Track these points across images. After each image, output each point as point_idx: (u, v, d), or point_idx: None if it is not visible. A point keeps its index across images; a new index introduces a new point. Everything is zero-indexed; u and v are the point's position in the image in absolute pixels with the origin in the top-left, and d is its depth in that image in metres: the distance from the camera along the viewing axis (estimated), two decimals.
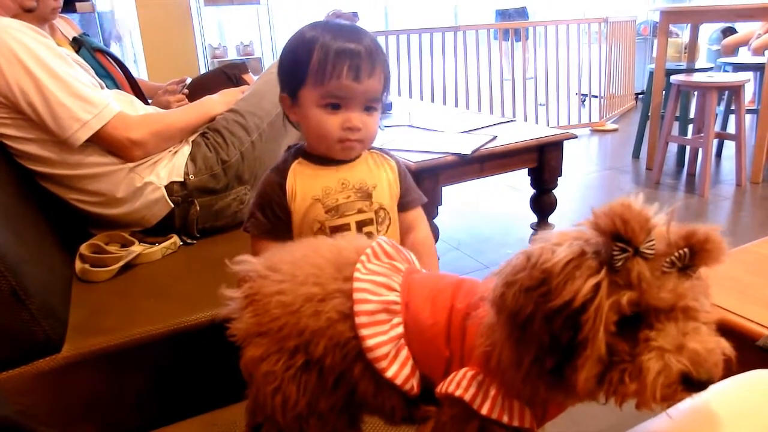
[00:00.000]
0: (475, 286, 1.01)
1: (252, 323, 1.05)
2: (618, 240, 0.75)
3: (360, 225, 1.47)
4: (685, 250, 0.76)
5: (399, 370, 0.98)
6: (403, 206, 1.55)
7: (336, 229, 1.45)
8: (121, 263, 1.90)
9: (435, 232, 2.73)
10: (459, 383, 0.92)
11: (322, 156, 1.47)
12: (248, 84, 2.96)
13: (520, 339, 0.80)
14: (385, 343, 0.98)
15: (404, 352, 0.99)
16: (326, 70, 1.35)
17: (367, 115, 1.41)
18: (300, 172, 1.46)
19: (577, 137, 3.18)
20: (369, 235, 1.44)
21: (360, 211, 1.46)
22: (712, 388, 0.79)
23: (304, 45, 1.38)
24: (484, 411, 0.89)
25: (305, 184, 1.45)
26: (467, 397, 0.90)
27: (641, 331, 0.75)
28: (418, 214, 1.59)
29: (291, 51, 1.43)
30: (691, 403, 0.79)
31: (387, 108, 3.80)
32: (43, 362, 1.46)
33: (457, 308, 0.98)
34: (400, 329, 1.01)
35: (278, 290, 1.05)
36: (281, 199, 1.45)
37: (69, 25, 2.94)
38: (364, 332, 0.98)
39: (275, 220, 1.46)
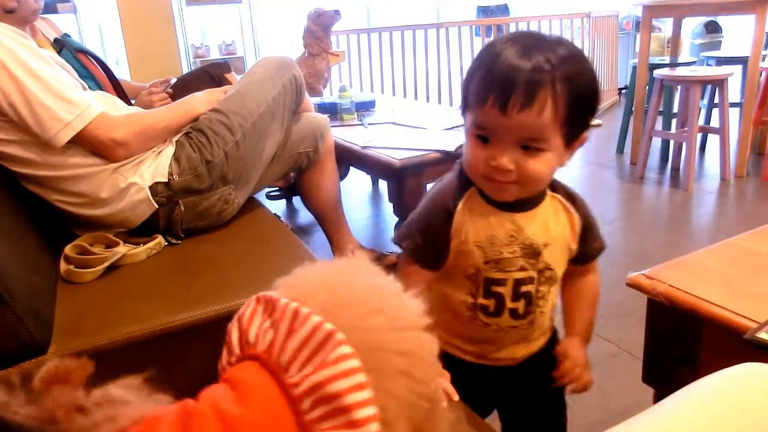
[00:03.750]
0: None
1: None
2: None
3: (518, 283, 1.30)
4: None
5: None
6: (580, 260, 1.36)
7: (491, 282, 1.30)
8: (106, 264, 1.89)
9: None
10: None
11: None
12: (231, 83, 2.95)
13: None
14: None
15: None
16: (476, 92, 1.16)
17: (524, 155, 1.14)
18: (471, 208, 1.28)
19: None
20: (527, 298, 1.31)
21: (521, 269, 1.29)
22: (699, 382, 0.79)
23: (481, 57, 1.19)
24: None
25: (474, 226, 1.27)
26: None
27: None
28: (589, 266, 1.40)
29: (473, 61, 1.23)
30: (677, 398, 0.79)
31: (370, 106, 3.80)
32: (28, 364, 1.45)
33: None
34: None
35: None
36: (444, 229, 1.29)
37: (50, 27, 2.93)
38: None
39: (434, 250, 1.32)
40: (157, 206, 2.09)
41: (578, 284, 1.41)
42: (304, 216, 4.17)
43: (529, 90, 1.09)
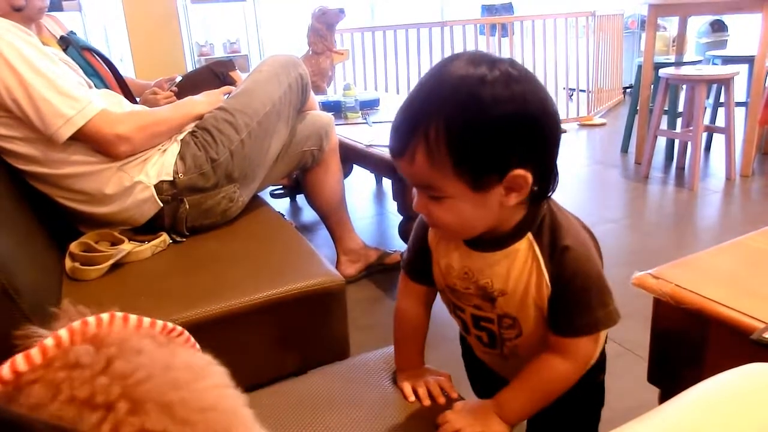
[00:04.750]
0: None
1: None
2: None
3: (477, 318, 1.24)
4: None
5: None
6: (556, 329, 1.15)
7: (454, 305, 1.27)
8: (111, 262, 1.89)
9: None
10: None
11: None
12: (236, 81, 2.96)
13: None
14: None
15: None
16: None
17: (430, 201, 1.05)
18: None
19: (566, 131, 3.17)
20: (490, 333, 1.25)
21: (477, 307, 1.22)
22: (705, 382, 0.79)
23: None
24: None
25: (439, 248, 1.24)
26: None
27: None
28: (570, 343, 1.15)
29: None
30: (682, 398, 0.78)
31: (374, 104, 3.79)
32: None
33: None
34: None
35: None
36: (425, 243, 1.26)
37: (56, 24, 2.93)
38: None
39: (419, 263, 1.29)
40: (162, 204, 2.09)
41: (543, 359, 1.17)
42: (308, 214, 4.17)
43: (400, 137, 1.03)
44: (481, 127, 0.97)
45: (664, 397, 1.47)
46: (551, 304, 1.13)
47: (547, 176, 1.05)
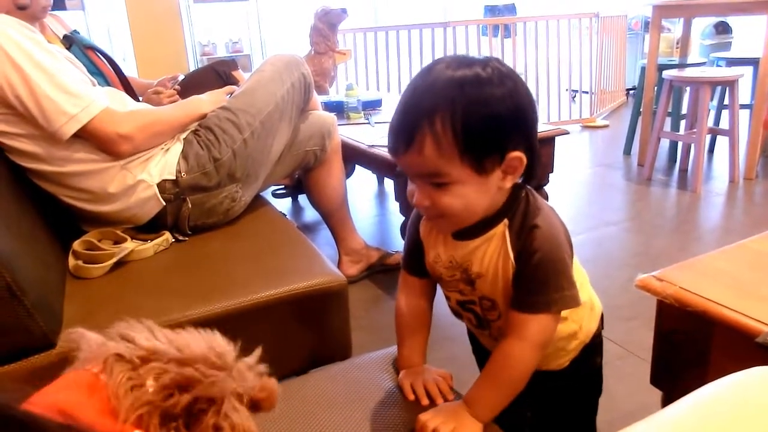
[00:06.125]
0: None
1: None
2: None
3: (462, 303, 1.33)
4: None
5: None
6: (513, 304, 1.20)
7: (447, 296, 1.37)
8: (114, 260, 1.89)
9: None
10: None
11: None
12: (238, 80, 2.96)
13: None
14: None
15: None
16: None
17: (434, 190, 1.13)
18: (430, 225, 1.31)
19: (569, 133, 3.17)
20: (476, 314, 1.33)
21: (461, 293, 1.30)
22: (709, 385, 0.79)
23: None
24: None
25: (429, 241, 1.31)
26: None
27: None
28: (523, 320, 1.18)
29: None
30: (686, 401, 0.78)
31: (376, 104, 3.79)
32: (37, 358, 1.47)
33: None
34: None
35: None
36: (418, 237, 1.34)
37: (59, 23, 2.93)
38: None
39: (414, 256, 1.36)
40: (164, 203, 2.09)
41: (499, 347, 1.22)
42: (310, 214, 4.17)
43: (406, 133, 1.10)
44: (483, 117, 1.08)
45: (667, 400, 1.46)
46: (514, 280, 1.20)
47: (533, 158, 1.15)
